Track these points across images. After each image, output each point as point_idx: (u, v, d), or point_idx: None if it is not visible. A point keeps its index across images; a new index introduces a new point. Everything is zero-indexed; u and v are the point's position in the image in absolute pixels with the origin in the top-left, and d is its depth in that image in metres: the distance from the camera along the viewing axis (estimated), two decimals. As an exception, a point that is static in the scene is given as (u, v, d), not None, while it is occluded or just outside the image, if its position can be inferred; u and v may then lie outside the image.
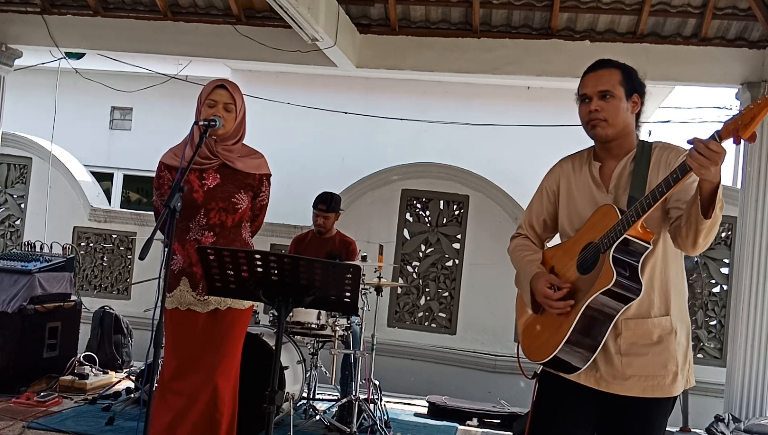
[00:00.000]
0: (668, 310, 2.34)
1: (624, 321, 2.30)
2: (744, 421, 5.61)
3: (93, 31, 6.92)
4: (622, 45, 6.26)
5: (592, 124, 2.40)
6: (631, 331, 2.31)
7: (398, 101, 9.70)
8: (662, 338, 2.32)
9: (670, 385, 2.31)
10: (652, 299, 2.32)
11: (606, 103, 2.38)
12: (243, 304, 3.32)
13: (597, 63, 2.50)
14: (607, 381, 2.32)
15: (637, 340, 2.31)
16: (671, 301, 2.35)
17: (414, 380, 7.05)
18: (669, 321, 2.33)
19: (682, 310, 2.38)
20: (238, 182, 3.33)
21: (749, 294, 5.89)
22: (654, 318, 2.32)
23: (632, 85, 2.43)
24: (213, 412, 3.23)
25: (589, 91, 2.40)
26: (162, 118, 10.64)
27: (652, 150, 2.40)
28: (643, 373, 2.30)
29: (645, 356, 2.31)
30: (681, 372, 2.33)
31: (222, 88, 3.30)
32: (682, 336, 2.36)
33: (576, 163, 2.54)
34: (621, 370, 2.30)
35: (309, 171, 9.60)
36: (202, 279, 3.27)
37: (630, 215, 2.21)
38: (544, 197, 2.59)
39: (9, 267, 5.55)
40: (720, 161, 2.03)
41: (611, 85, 2.39)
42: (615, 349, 2.31)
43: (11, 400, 5.03)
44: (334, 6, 5.89)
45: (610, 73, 2.43)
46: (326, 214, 5.55)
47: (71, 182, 8.19)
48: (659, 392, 2.31)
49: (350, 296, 2.66)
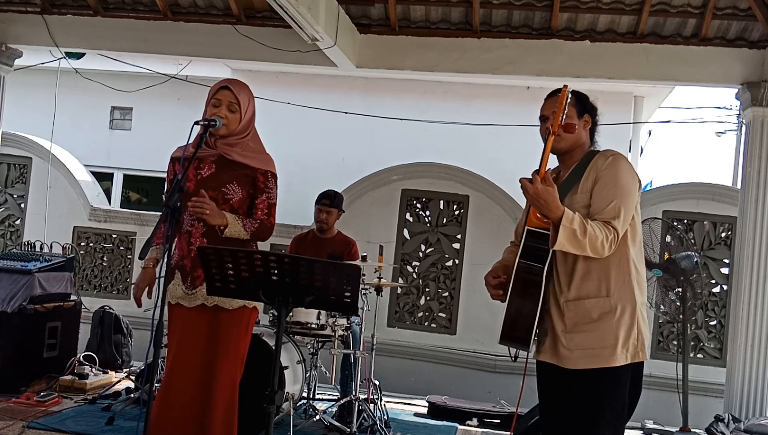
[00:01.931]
0: (608, 292, 2.65)
1: (566, 303, 2.68)
2: (744, 421, 5.61)
3: (93, 31, 6.92)
4: (622, 45, 6.26)
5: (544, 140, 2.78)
6: (572, 311, 2.67)
7: (398, 101, 9.70)
8: (602, 316, 2.64)
9: (609, 356, 2.61)
10: (590, 283, 2.66)
11: None
12: (231, 304, 3.25)
13: (554, 91, 2.85)
14: (559, 357, 2.68)
15: (579, 319, 2.66)
16: (611, 284, 2.65)
17: (414, 380, 7.05)
18: (609, 302, 2.65)
19: (625, 292, 2.66)
20: (233, 173, 3.31)
21: (749, 294, 5.89)
22: (593, 299, 2.65)
23: (583, 107, 2.84)
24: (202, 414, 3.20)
25: (546, 112, 2.80)
26: (162, 118, 10.64)
27: (593, 157, 2.76)
28: (583, 347, 2.64)
29: (585, 333, 2.65)
30: (622, 346, 2.62)
31: (226, 89, 3.30)
32: (625, 315, 2.65)
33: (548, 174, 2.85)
34: (567, 346, 2.66)
35: (309, 171, 9.60)
36: (191, 272, 3.28)
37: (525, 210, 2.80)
38: (526, 210, 2.91)
39: (9, 267, 5.55)
40: (528, 192, 2.51)
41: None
42: (561, 328, 2.68)
43: (11, 399, 5.03)
44: (334, 6, 5.89)
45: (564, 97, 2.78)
46: (329, 208, 5.56)
47: (71, 182, 8.19)
48: (598, 363, 2.62)
49: (350, 296, 2.66)
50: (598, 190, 2.65)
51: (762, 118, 5.97)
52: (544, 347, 2.73)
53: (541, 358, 2.75)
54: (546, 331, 2.72)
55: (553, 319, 2.69)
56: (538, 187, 2.52)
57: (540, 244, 2.63)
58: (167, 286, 3.32)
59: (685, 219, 6.87)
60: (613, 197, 2.62)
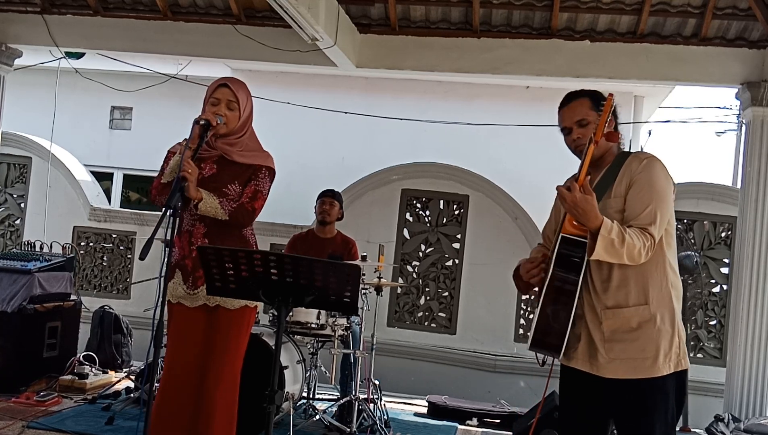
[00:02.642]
0: (647, 299, 2.56)
1: (603, 311, 2.58)
2: (744, 421, 5.61)
3: (93, 31, 6.91)
4: (622, 45, 6.26)
5: (579, 150, 2.69)
6: (610, 319, 2.57)
7: (398, 101, 9.70)
8: (641, 325, 2.55)
9: (650, 366, 2.53)
10: (628, 290, 2.57)
11: (585, 129, 2.68)
12: (233, 304, 3.25)
13: (567, 97, 2.79)
14: (597, 366, 2.58)
15: (618, 327, 2.56)
16: (650, 291, 2.57)
17: (414, 380, 7.05)
18: (647, 310, 2.55)
19: (663, 300, 2.58)
20: (234, 174, 3.30)
21: (749, 294, 5.89)
22: (631, 307, 2.56)
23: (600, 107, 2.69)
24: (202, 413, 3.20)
25: (567, 123, 2.73)
26: (162, 117, 10.64)
27: (626, 159, 2.68)
28: (624, 357, 2.54)
29: (625, 342, 2.56)
30: (664, 355, 2.53)
31: (225, 87, 3.30)
32: (665, 323, 2.56)
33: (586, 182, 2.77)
34: (605, 355, 2.56)
35: (309, 171, 9.59)
36: (192, 272, 3.28)
37: (561, 218, 2.60)
38: (554, 211, 2.91)
39: (9, 266, 5.55)
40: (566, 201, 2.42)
41: (584, 113, 2.70)
42: (599, 337, 2.58)
43: (11, 399, 5.03)
44: (334, 6, 5.89)
45: (579, 103, 2.73)
46: (331, 199, 5.57)
47: (71, 182, 8.19)
48: (640, 373, 2.53)
49: (350, 296, 2.66)
50: (633, 195, 2.57)
51: (762, 118, 5.97)
52: (576, 354, 2.63)
53: (573, 364, 2.65)
54: (578, 337, 2.62)
55: (589, 327, 2.61)
56: (576, 196, 2.42)
57: (575, 253, 2.55)
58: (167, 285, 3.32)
59: (685, 219, 6.87)
60: (649, 202, 2.55)
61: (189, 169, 3.06)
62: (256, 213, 3.34)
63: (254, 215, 3.33)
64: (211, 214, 3.22)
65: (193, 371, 3.25)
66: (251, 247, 3.39)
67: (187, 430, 3.21)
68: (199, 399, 3.22)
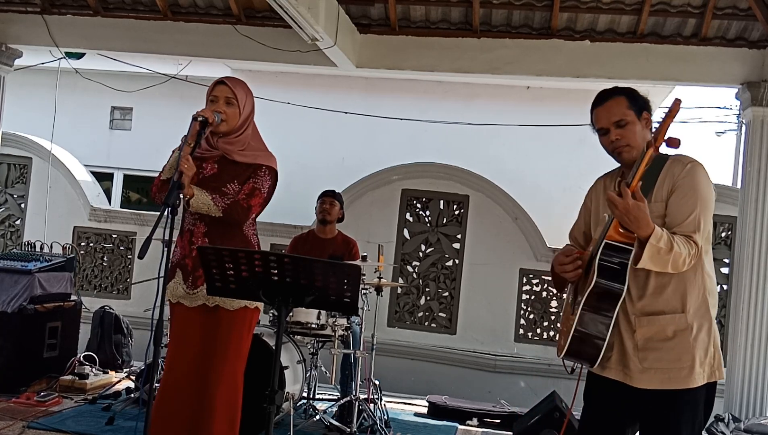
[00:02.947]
0: (684, 307, 2.48)
1: (638, 318, 2.49)
2: (744, 421, 5.61)
3: (93, 31, 6.91)
4: (622, 45, 6.26)
5: (618, 151, 2.60)
6: (645, 327, 2.48)
7: (398, 101, 9.70)
8: (677, 334, 2.47)
9: (686, 377, 2.44)
10: (665, 298, 2.48)
11: (624, 130, 2.58)
12: (232, 305, 3.24)
13: (601, 95, 2.66)
14: (630, 375, 2.49)
15: (653, 335, 2.48)
16: (687, 299, 2.48)
17: (414, 380, 7.05)
18: (684, 318, 2.47)
19: (701, 309, 2.50)
20: (235, 173, 3.29)
21: (749, 294, 5.89)
22: (668, 315, 2.47)
23: (638, 105, 2.63)
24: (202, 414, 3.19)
25: (605, 123, 2.60)
26: (162, 118, 10.64)
27: (665, 162, 2.58)
28: (658, 366, 2.46)
29: (659, 351, 2.46)
30: (700, 366, 2.45)
31: (222, 84, 3.30)
32: (702, 332, 2.48)
33: (608, 181, 2.75)
34: (638, 364, 2.48)
35: (309, 171, 9.59)
36: (193, 271, 3.27)
37: (607, 223, 2.47)
38: (584, 212, 2.82)
39: (9, 267, 5.55)
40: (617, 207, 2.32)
41: (622, 113, 2.59)
42: (632, 345, 2.49)
43: (11, 400, 5.03)
44: (334, 6, 5.89)
45: (617, 102, 2.61)
46: (331, 199, 5.58)
47: (71, 182, 8.20)
48: (675, 384, 2.45)
49: (350, 296, 2.66)
50: (676, 201, 2.48)
51: (762, 118, 5.97)
52: (610, 363, 2.53)
53: (606, 374, 2.55)
54: (611, 345, 2.51)
55: (622, 334, 2.51)
56: (629, 203, 2.32)
57: (619, 260, 2.43)
58: (167, 284, 3.32)
59: (685, 219, 6.87)
60: (693, 209, 2.47)
61: (186, 165, 3.04)
62: (253, 210, 3.29)
63: (250, 212, 3.28)
64: (204, 211, 3.19)
65: (193, 372, 3.24)
66: (253, 247, 3.36)
67: (188, 431, 3.20)
68: (199, 400, 3.21)
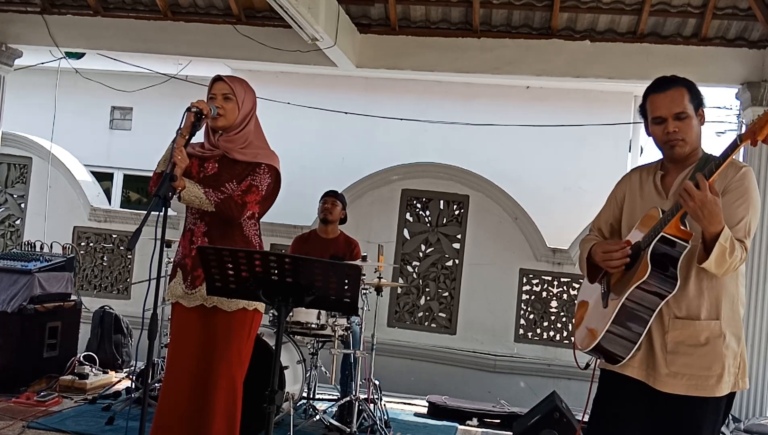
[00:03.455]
0: (718, 314, 2.42)
1: (672, 320, 2.42)
2: (744, 421, 5.61)
3: (93, 31, 6.92)
4: (622, 45, 6.26)
5: (671, 145, 2.49)
6: (678, 330, 2.41)
7: (398, 101, 9.70)
8: (710, 341, 2.41)
9: (714, 385, 2.39)
10: (701, 302, 2.42)
11: (682, 123, 2.47)
12: (230, 306, 3.22)
13: (662, 82, 2.55)
14: (654, 377, 2.43)
15: (685, 339, 2.41)
16: (722, 306, 2.43)
17: (414, 380, 7.04)
18: (718, 325, 2.42)
19: (733, 317, 2.46)
20: (235, 172, 3.27)
21: (749, 294, 5.89)
22: (703, 321, 2.41)
23: (698, 100, 2.52)
24: (201, 416, 3.18)
25: (664, 113, 2.48)
26: (162, 118, 10.59)
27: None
28: (686, 372, 2.39)
29: (690, 356, 2.40)
30: (728, 375, 2.41)
31: (219, 81, 3.28)
32: (732, 341, 2.43)
33: (644, 174, 2.67)
34: (665, 367, 2.40)
35: (309, 171, 9.59)
36: (192, 271, 3.25)
37: (667, 215, 2.35)
38: (612, 203, 2.74)
39: (9, 267, 5.55)
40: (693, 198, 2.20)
41: (684, 105, 2.47)
42: (661, 346, 2.42)
43: (11, 399, 5.03)
44: (334, 6, 5.89)
45: (680, 93, 2.49)
46: (333, 199, 5.57)
47: (71, 182, 8.19)
48: (702, 391, 2.39)
49: (350, 296, 2.65)
50: (729, 204, 2.37)
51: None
52: (633, 362, 2.44)
53: (628, 372, 2.47)
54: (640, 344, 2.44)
55: (652, 334, 2.42)
56: (707, 196, 2.20)
57: (672, 255, 2.34)
58: (170, 284, 3.32)
59: (685, 219, 6.87)
60: (745, 214, 2.40)
61: (179, 156, 3.02)
62: (248, 207, 3.22)
63: (244, 209, 3.21)
64: (196, 204, 3.16)
65: (193, 372, 3.22)
66: (254, 247, 3.33)
67: (188, 432, 3.20)
68: (199, 401, 3.20)
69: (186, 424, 3.20)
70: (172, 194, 2.95)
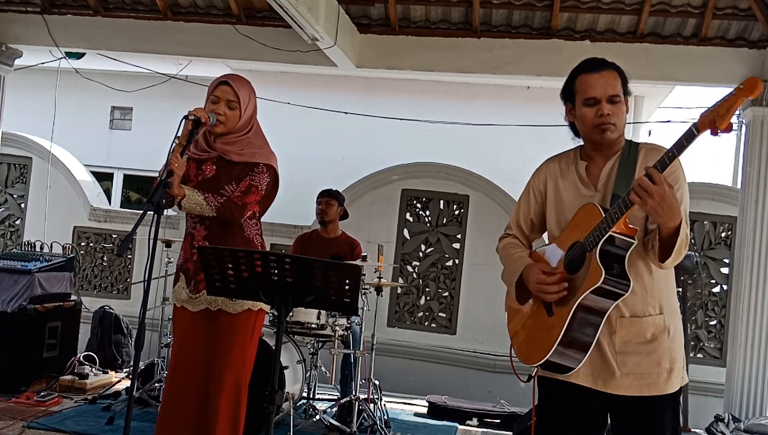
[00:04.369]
0: (662, 308, 2.34)
1: (619, 319, 2.30)
2: (744, 421, 5.61)
3: (93, 31, 6.92)
4: (622, 45, 6.26)
5: (603, 128, 2.34)
6: (625, 329, 2.30)
7: (398, 101, 9.70)
8: (656, 336, 2.31)
9: (666, 382, 2.31)
10: (646, 298, 2.32)
11: (615, 108, 2.35)
12: (235, 308, 3.21)
13: (595, 62, 2.44)
14: (604, 380, 2.31)
15: (632, 338, 2.30)
16: (663, 299, 2.35)
17: (414, 380, 7.05)
18: (662, 320, 2.33)
19: (673, 308, 2.38)
20: (233, 174, 3.24)
21: (749, 294, 5.89)
22: (649, 317, 2.32)
23: (626, 87, 2.42)
24: (206, 418, 3.16)
25: (599, 93, 2.34)
26: (162, 118, 10.59)
27: (639, 150, 2.39)
28: (637, 371, 2.29)
29: (639, 354, 2.30)
30: (676, 369, 2.33)
31: (226, 85, 3.22)
32: (676, 334, 2.35)
33: (563, 164, 2.52)
34: (616, 369, 2.30)
35: (309, 171, 9.58)
36: (194, 275, 3.23)
37: (614, 212, 2.19)
38: (531, 198, 2.57)
39: (9, 267, 5.56)
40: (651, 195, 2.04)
41: (617, 89, 2.37)
42: (609, 348, 2.30)
43: (11, 399, 5.03)
44: (334, 6, 5.89)
45: (613, 76, 2.39)
46: (327, 199, 5.56)
47: (71, 182, 8.19)
48: (656, 390, 2.30)
49: (350, 296, 2.65)
50: None
51: (762, 118, 5.97)
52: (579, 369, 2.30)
53: (574, 380, 2.32)
54: None
55: (599, 338, 2.28)
56: (665, 190, 2.04)
57: (618, 253, 2.21)
58: (174, 289, 3.31)
59: (685, 219, 6.87)
60: (682, 199, 2.25)
61: (176, 164, 2.97)
62: (248, 208, 3.19)
63: (245, 210, 3.19)
64: (197, 211, 3.12)
65: (197, 375, 3.20)
66: (255, 247, 3.31)
67: (191, 433, 3.19)
68: (203, 404, 3.18)
69: (190, 427, 3.19)
70: (165, 201, 2.91)
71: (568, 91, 2.45)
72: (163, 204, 2.81)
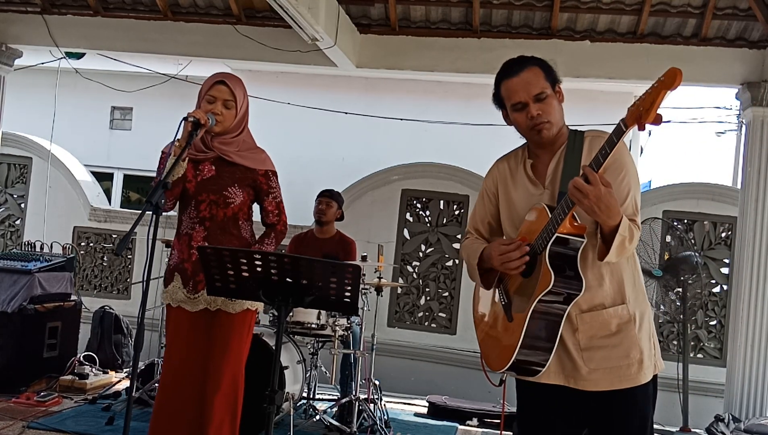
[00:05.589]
0: (624, 298, 2.30)
1: (579, 315, 2.27)
2: (744, 421, 5.61)
3: (93, 31, 6.92)
4: (622, 45, 6.26)
5: (538, 129, 2.33)
6: (587, 324, 2.28)
7: (398, 101, 9.70)
8: (621, 327, 2.28)
9: (636, 373, 2.28)
10: (604, 290, 2.29)
11: (544, 105, 2.33)
12: (234, 308, 3.23)
13: (512, 65, 2.42)
14: (574, 378, 2.29)
15: (596, 332, 2.28)
16: (625, 289, 2.31)
17: (414, 380, 7.05)
18: (626, 309, 2.29)
19: (638, 296, 2.34)
20: (235, 176, 3.27)
21: (749, 294, 5.89)
22: (609, 308, 2.28)
23: (553, 76, 2.39)
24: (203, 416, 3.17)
25: (523, 97, 2.33)
26: (162, 118, 10.59)
27: (584, 139, 2.36)
28: (606, 366, 2.26)
29: (605, 348, 2.27)
30: (648, 358, 2.30)
31: (222, 84, 3.24)
32: (644, 321, 2.32)
33: (512, 163, 2.50)
34: (582, 366, 2.27)
35: (309, 171, 9.60)
36: (193, 276, 3.25)
37: (558, 214, 2.17)
38: (486, 200, 2.55)
39: (9, 267, 5.56)
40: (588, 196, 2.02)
41: (541, 85, 2.34)
42: (574, 345, 2.28)
43: (11, 400, 5.04)
44: (334, 6, 5.89)
45: (534, 73, 2.37)
46: (328, 199, 5.57)
47: (71, 182, 8.19)
48: (627, 382, 2.27)
49: (350, 296, 2.65)
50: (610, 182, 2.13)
51: (762, 118, 5.97)
52: (548, 367, 2.27)
53: (545, 380, 2.30)
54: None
55: (563, 336, 2.26)
56: (601, 190, 2.03)
57: (568, 253, 2.19)
58: (167, 289, 3.31)
59: (685, 219, 6.87)
60: (628, 188, 2.24)
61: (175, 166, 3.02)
62: (287, 223, 3.47)
63: (286, 227, 3.46)
64: None
65: (194, 375, 3.22)
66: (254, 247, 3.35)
67: (189, 433, 3.20)
68: (200, 403, 3.20)
69: (188, 426, 3.20)
70: (164, 202, 2.91)
71: (498, 98, 2.45)
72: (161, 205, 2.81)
